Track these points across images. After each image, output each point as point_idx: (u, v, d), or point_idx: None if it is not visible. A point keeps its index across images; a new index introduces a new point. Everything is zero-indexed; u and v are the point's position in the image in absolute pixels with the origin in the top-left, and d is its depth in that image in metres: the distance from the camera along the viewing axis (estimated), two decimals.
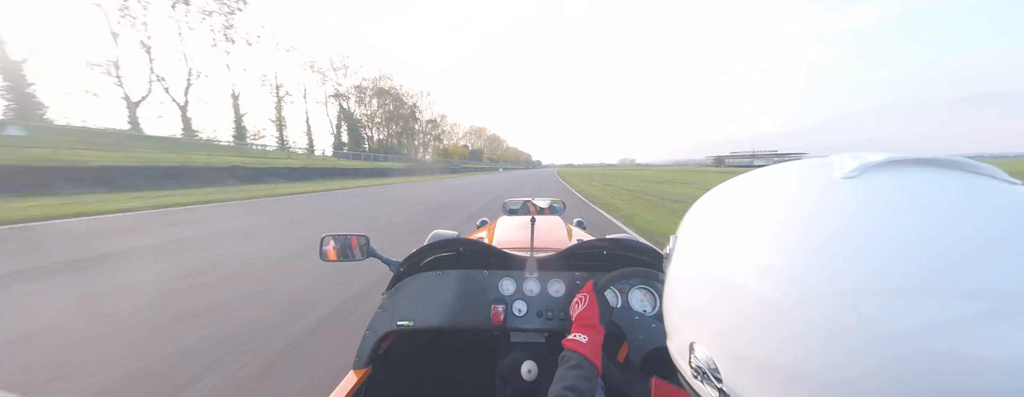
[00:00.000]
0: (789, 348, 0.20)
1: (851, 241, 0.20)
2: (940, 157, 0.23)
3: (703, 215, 0.33)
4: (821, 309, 0.19)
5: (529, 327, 0.81)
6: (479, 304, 0.82)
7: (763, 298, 0.22)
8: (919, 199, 0.20)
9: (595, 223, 5.50)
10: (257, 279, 2.74)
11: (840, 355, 0.19)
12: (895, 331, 0.18)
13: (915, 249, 0.19)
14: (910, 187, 0.21)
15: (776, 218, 0.24)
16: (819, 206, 0.22)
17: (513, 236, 1.33)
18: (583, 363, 0.51)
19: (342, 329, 1.92)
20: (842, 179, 0.23)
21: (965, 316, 0.17)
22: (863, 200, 0.21)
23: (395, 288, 0.86)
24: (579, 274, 0.84)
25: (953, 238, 0.19)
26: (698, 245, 0.31)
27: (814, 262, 0.20)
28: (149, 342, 1.77)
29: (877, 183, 0.22)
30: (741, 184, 0.32)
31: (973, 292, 0.17)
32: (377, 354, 0.83)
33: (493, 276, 0.85)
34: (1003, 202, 0.20)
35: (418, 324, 0.82)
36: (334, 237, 0.92)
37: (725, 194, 0.33)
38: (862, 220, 0.20)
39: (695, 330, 0.29)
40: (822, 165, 0.26)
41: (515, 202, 1.84)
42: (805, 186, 0.24)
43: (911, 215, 0.20)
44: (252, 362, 1.59)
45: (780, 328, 0.21)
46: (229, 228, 4.75)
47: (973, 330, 0.17)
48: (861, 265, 0.19)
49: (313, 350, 1.71)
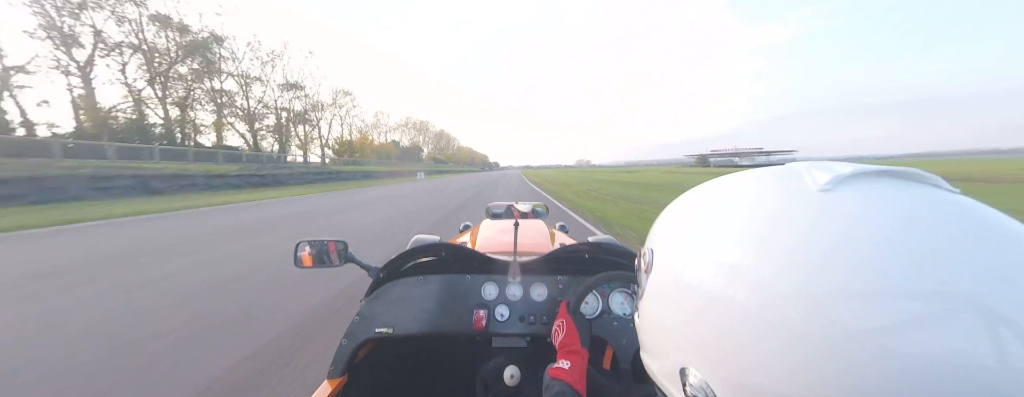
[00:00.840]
0: (795, 369, 0.21)
1: (826, 249, 0.22)
2: (898, 168, 0.27)
3: (681, 226, 0.33)
4: (803, 315, 0.21)
5: (511, 332, 0.83)
6: (461, 309, 0.83)
7: (755, 313, 0.23)
8: (885, 210, 0.23)
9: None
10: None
11: (830, 360, 0.20)
12: (862, 330, 0.20)
13: (884, 255, 0.21)
14: (877, 199, 0.24)
15: (762, 230, 0.26)
16: (805, 218, 0.25)
17: (496, 240, 1.35)
18: (566, 390, 0.53)
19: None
20: (819, 192, 0.26)
21: (921, 317, 0.19)
22: (840, 211, 0.24)
23: (374, 294, 0.85)
24: (562, 278, 0.87)
25: (912, 246, 0.21)
26: (683, 260, 0.30)
27: (795, 271, 0.22)
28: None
29: (850, 195, 0.25)
30: (716, 193, 0.33)
31: (929, 294, 0.19)
32: (353, 363, 0.81)
33: (475, 281, 0.86)
34: (950, 213, 0.23)
35: (397, 331, 0.81)
36: (310, 243, 0.88)
37: (702, 204, 0.33)
38: (843, 229, 0.23)
39: (685, 353, 0.29)
40: (793, 175, 0.29)
41: (498, 206, 1.87)
42: (787, 198, 0.27)
43: (876, 225, 0.22)
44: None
45: (786, 348, 0.22)
46: None
47: (927, 330, 0.19)
48: (835, 270, 0.21)
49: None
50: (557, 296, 0.85)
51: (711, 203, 0.32)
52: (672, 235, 0.34)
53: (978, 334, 0.18)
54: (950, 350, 0.18)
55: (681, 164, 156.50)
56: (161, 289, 2.85)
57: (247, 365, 1.74)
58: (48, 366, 1.75)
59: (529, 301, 0.85)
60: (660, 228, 0.37)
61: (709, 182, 0.36)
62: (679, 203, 0.37)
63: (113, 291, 2.83)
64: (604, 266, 0.87)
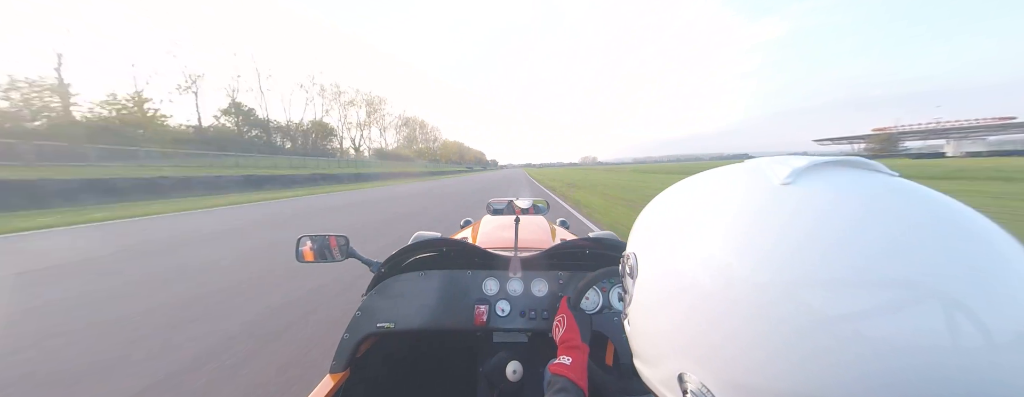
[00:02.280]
0: (782, 361, 0.23)
1: (793, 240, 0.25)
2: (849, 158, 0.30)
3: (659, 228, 0.35)
4: (776, 305, 0.23)
5: (512, 327, 0.87)
6: (462, 305, 0.87)
7: (738, 307, 0.25)
8: (844, 200, 0.26)
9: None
10: None
11: (805, 347, 0.22)
12: (831, 317, 0.22)
13: (849, 244, 0.23)
14: (835, 188, 0.27)
15: (729, 226, 0.28)
16: (767, 212, 0.27)
17: (497, 236, 1.42)
18: (568, 386, 0.56)
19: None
20: (780, 185, 0.28)
21: (886, 303, 0.21)
22: (803, 202, 0.27)
23: (376, 289, 0.89)
24: (562, 274, 0.91)
25: (875, 234, 0.24)
26: (665, 262, 0.32)
27: (768, 263, 0.25)
28: None
29: (809, 186, 0.28)
30: (689, 193, 0.35)
31: (892, 282, 0.22)
32: (355, 357, 0.86)
33: (476, 276, 0.91)
34: (905, 200, 0.26)
35: (399, 326, 0.85)
36: (311, 237, 0.94)
37: (676, 205, 0.35)
38: (808, 220, 0.25)
39: (680, 358, 0.30)
40: (756, 171, 0.32)
41: (499, 202, 1.98)
42: (752, 193, 0.29)
43: (835, 216, 0.25)
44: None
45: (769, 341, 0.24)
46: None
47: (891, 316, 0.21)
48: (803, 260, 0.24)
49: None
50: (558, 291, 0.89)
51: (685, 203, 0.34)
52: (651, 238, 0.35)
53: (936, 319, 0.20)
54: (912, 334, 0.20)
55: (694, 159, 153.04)
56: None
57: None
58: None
59: (530, 296, 0.89)
60: (639, 232, 0.38)
61: (681, 182, 0.38)
62: (655, 205, 0.38)
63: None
64: (604, 261, 0.90)
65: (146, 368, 1.96)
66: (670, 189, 0.38)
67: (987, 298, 0.21)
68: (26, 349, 2.18)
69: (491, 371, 0.89)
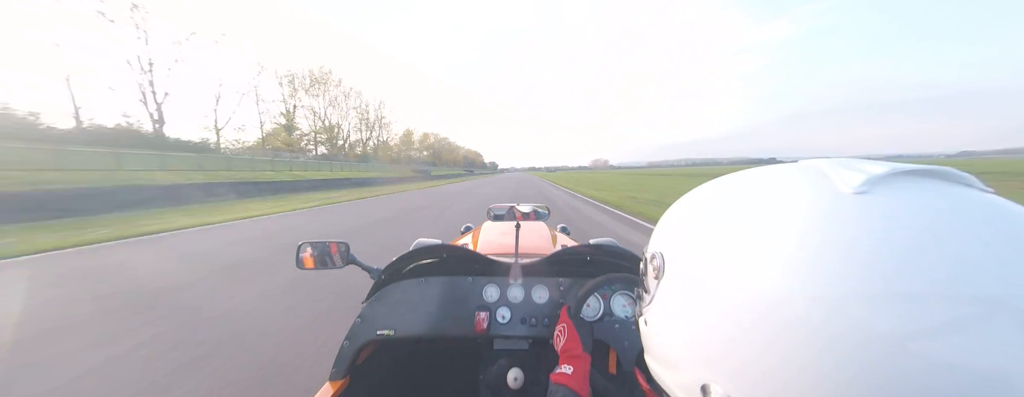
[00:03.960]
0: (830, 380, 0.23)
1: (866, 254, 0.24)
2: (933, 167, 0.28)
3: (696, 229, 0.34)
4: (839, 323, 0.23)
5: (513, 334, 0.91)
6: (463, 311, 0.91)
7: (791, 323, 0.25)
8: (923, 213, 0.25)
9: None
10: None
11: (865, 367, 0.22)
12: (900, 334, 0.21)
13: (920, 258, 0.23)
14: (914, 201, 0.26)
15: (793, 237, 0.27)
16: (838, 223, 0.26)
17: (498, 242, 1.48)
18: (569, 395, 0.59)
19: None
20: (853, 194, 0.27)
21: (955, 321, 0.21)
22: (877, 214, 0.26)
23: (376, 296, 0.94)
24: (563, 280, 0.95)
25: (948, 249, 0.23)
26: (702, 266, 0.31)
27: (838, 278, 0.24)
28: None
29: (886, 197, 0.26)
30: (733, 193, 0.34)
31: (962, 298, 0.21)
32: (355, 365, 0.91)
33: (477, 283, 0.95)
34: (986, 214, 0.25)
35: (399, 333, 0.90)
36: (312, 244, 0.99)
37: (717, 205, 0.34)
38: (882, 233, 0.25)
39: (707, 369, 0.30)
40: (820, 175, 0.30)
41: (500, 207, 2.04)
42: (818, 200, 0.28)
43: (914, 229, 0.24)
44: None
45: (820, 358, 0.23)
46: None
47: (960, 335, 0.21)
48: (874, 275, 0.23)
49: None
50: (558, 298, 0.93)
51: (729, 204, 0.33)
52: (686, 238, 0.35)
53: (1011, 338, 0.20)
54: (983, 355, 0.20)
55: (713, 163, 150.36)
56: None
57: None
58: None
59: (530, 303, 0.93)
60: (670, 230, 0.38)
61: (717, 180, 0.38)
62: (688, 203, 0.38)
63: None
64: (606, 268, 0.94)
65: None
66: (704, 188, 0.38)
67: None
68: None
69: (492, 378, 0.94)
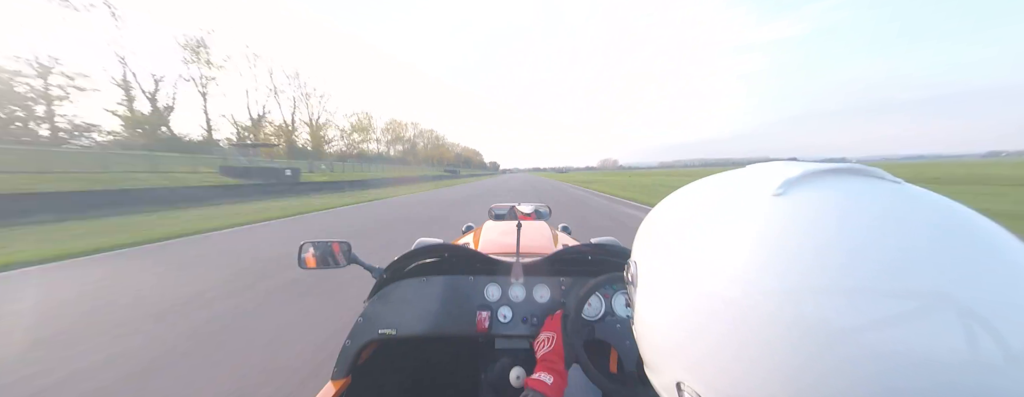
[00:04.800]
0: (773, 374, 0.25)
1: (790, 252, 0.26)
2: (848, 165, 0.31)
3: (659, 236, 0.38)
4: (781, 314, 0.25)
5: (514, 333, 0.93)
6: (464, 311, 0.94)
7: (734, 320, 0.27)
8: (839, 211, 0.27)
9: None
10: None
11: (806, 359, 0.24)
12: (840, 328, 0.23)
13: (851, 255, 0.25)
14: (830, 198, 0.28)
15: (726, 238, 0.30)
16: (759, 223, 0.29)
17: (499, 241, 1.52)
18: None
19: None
20: (772, 196, 0.30)
21: (896, 314, 0.22)
22: (792, 215, 0.28)
23: (377, 296, 0.97)
24: (564, 279, 0.97)
25: (880, 244, 0.25)
26: (663, 270, 0.35)
27: (764, 274, 0.26)
28: None
29: (800, 197, 0.29)
30: (685, 201, 0.38)
31: (902, 292, 0.23)
32: (357, 364, 0.94)
33: (478, 282, 0.98)
34: (911, 207, 0.27)
35: (401, 332, 0.92)
36: (313, 244, 1.03)
37: (672, 213, 0.38)
38: (796, 233, 0.27)
39: (678, 367, 0.33)
40: (751, 179, 0.34)
41: (502, 207, 2.09)
42: (744, 203, 0.31)
43: (835, 226, 0.26)
44: None
45: (757, 349, 0.26)
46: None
47: (902, 327, 0.22)
48: (801, 271, 0.25)
49: None
50: (560, 297, 0.95)
51: (681, 212, 0.37)
52: (651, 247, 0.38)
53: (951, 330, 0.21)
54: (927, 346, 0.21)
55: (730, 163, 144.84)
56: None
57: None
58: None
59: (532, 302, 0.95)
60: (640, 240, 0.41)
61: (681, 189, 0.41)
62: (655, 212, 0.41)
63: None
64: (607, 267, 0.96)
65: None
66: (670, 197, 0.41)
67: (1004, 307, 0.22)
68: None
69: (494, 378, 0.96)
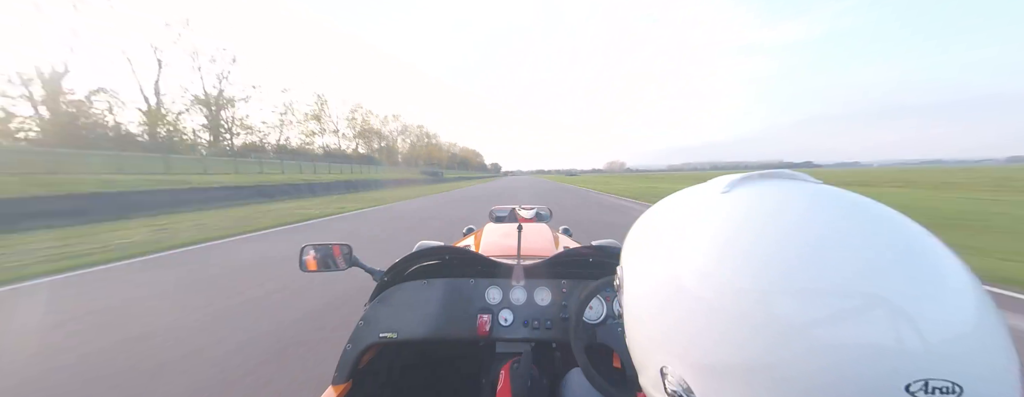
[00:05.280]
0: (733, 346, 0.29)
1: (734, 245, 0.31)
2: (778, 170, 0.38)
3: (636, 243, 0.43)
4: (740, 307, 0.29)
5: (515, 337, 0.94)
6: (465, 314, 0.96)
7: (701, 302, 0.31)
8: (767, 206, 0.33)
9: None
10: None
11: (762, 349, 0.27)
12: (800, 323, 0.26)
13: (776, 251, 0.29)
14: (766, 195, 0.34)
15: (686, 234, 0.35)
16: (709, 216, 0.35)
17: (500, 244, 1.55)
18: None
19: None
20: (720, 194, 0.36)
21: (842, 311, 0.25)
22: (732, 207, 0.34)
23: (379, 298, 0.99)
24: (565, 282, 0.98)
25: (803, 240, 0.29)
26: (638, 271, 0.40)
27: (728, 265, 0.30)
28: None
29: (739, 194, 0.35)
30: (661, 207, 0.43)
31: (844, 292, 0.26)
32: (357, 368, 0.95)
33: (479, 285, 0.99)
34: (832, 205, 0.32)
35: (402, 336, 0.94)
36: (314, 247, 1.05)
37: (650, 219, 0.43)
38: (732, 226, 0.33)
39: (661, 353, 0.36)
40: (710, 184, 0.40)
41: (502, 209, 2.12)
42: (700, 204, 0.38)
43: (764, 222, 0.31)
44: None
45: (720, 327, 0.30)
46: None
47: (842, 323, 0.25)
48: (758, 267, 0.29)
49: None
50: (561, 300, 0.97)
51: (654, 218, 0.42)
52: (632, 252, 0.43)
53: (884, 325, 0.25)
54: (863, 339, 0.25)
55: (744, 166, 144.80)
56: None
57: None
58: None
59: (533, 305, 0.97)
60: (626, 248, 0.46)
61: (667, 198, 0.45)
62: (640, 222, 0.46)
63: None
64: (608, 270, 0.93)
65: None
66: (653, 206, 0.46)
67: (926, 308, 0.25)
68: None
69: (495, 377, 0.96)
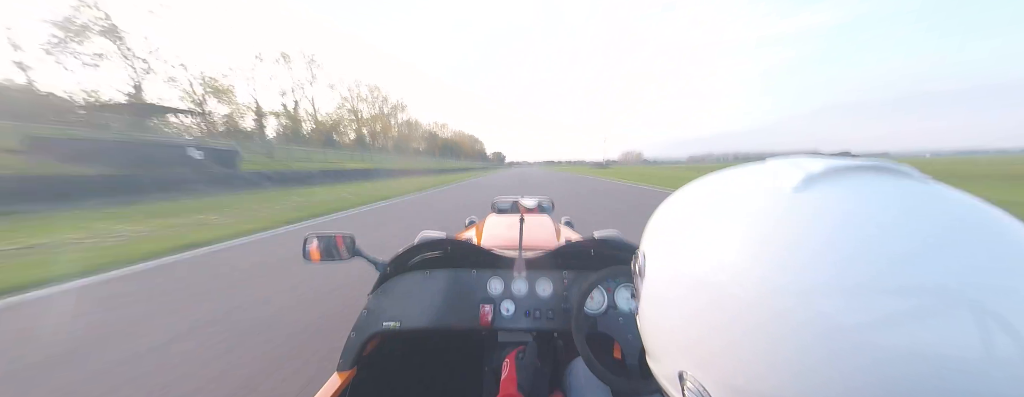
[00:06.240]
0: (765, 363, 0.27)
1: (808, 248, 0.28)
2: (868, 162, 0.32)
3: (669, 228, 0.39)
4: (796, 311, 0.26)
5: (517, 327, 0.98)
6: (467, 304, 1.00)
7: (744, 312, 0.29)
8: (860, 207, 0.29)
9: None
10: None
11: (799, 362, 0.26)
12: (849, 325, 0.24)
13: (862, 252, 0.26)
14: (851, 195, 0.30)
15: (741, 232, 0.32)
16: (777, 218, 0.31)
17: (502, 235, 1.59)
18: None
19: None
20: (792, 192, 0.31)
21: (906, 311, 0.23)
22: (814, 210, 0.30)
23: (381, 289, 1.03)
24: (567, 273, 1.02)
25: (894, 240, 0.26)
26: (671, 263, 0.36)
27: (781, 270, 0.28)
28: None
29: (822, 193, 0.30)
30: (699, 194, 0.40)
31: (913, 289, 0.24)
32: (362, 356, 1.00)
33: (481, 276, 1.03)
34: (929, 204, 0.28)
35: (404, 325, 0.99)
36: (318, 237, 1.09)
37: (686, 205, 0.40)
38: (814, 230, 0.28)
39: (682, 357, 0.35)
40: (770, 174, 0.35)
41: (504, 201, 2.19)
42: (763, 198, 0.33)
43: (854, 223, 0.28)
44: None
45: (753, 338, 0.28)
46: None
47: (913, 325, 0.23)
48: (818, 268, 0.27)
49: None
50: (562, 291, 1.00)
51: (694, 204, 0.39)
52: (660, 238, 0.40)
53: (965, 328, 0.22)
54: (938, 343, 0.22)
55: (767, 156, 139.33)
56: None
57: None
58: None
59: (534, 296, 1.01)
60: (650, 231, 0.43)
61: (696, 181, 0.42)
62: (667, 204, 0.43)
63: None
64: (609, 261, 1.00)
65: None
66: (684, 188, 0.43)
67: (1021, 304, 0.23)
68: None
69: (498, 366, 1.01)
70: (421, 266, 1.09)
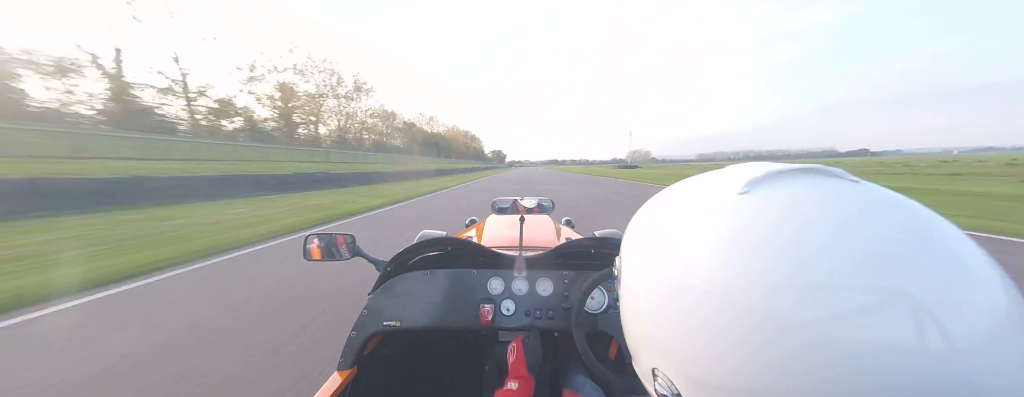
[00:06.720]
0: (728, 359, 0.30)
1: (748, 245, 0.31)
2: (810, 165, 0.36)
3: (638, 235, 0.43)
4: (744, 307, 0.29)
5: (517, 326, 1.00)
6: (467, 304, 1.01)
7: (701, 309, 0.32)
8: (798, 207, 0.32)
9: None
10: None
11: (758, 356, 0.28)
12: (801, 321, 0.27)
13: (816, 251, 0.29)
14: (791, 196, 0.33)
15: (695, 233, 0.35)
16: (723, 219, 0.34)
17: (502, 235, 1.62)
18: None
19: None
20: (738, 195, 0.35)
21: (855, 308, 0.26)
22: (755, 212, 0.33)
23: (382, 288, 1.05)
24: (567, 273, 1.03)
25: (840, 240, 0.29)
26: (639, 265, 0.40)
27: (723, 267, 0.31)
28: None
29: (763, 196, 0.34)
30: (666, 200, 0.43)
31: (861, 287, 0.26)
32: (362, 355, 1.02)
33: (482, 275, 1.05)
34: (869, 205, 0.32)
35: (405, 324, 1.00)
36: (318, 236, 1.12)
37: (653, 212, 0.43)
38: (755, 228, 0.32)
39: (653, 354, 0.37)
40: (722, 179, 0.39)
41: (504, 201, 2.22)
42: (714, 202, 0.36)
43: (795, 222, 0.31)
44: None
45: (715, 334, 0.30)
46: None
47: (860, 320, 0.26)
48: (771, 267, 0.29)
49: None
50: (563, 291, 1.01)
51: (658, 210, 0.42)
52: (632, 242, 0.43)
53: (904, 323, 0.25)
54: (881, 338, 0.25)
55: (779, 155, 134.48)
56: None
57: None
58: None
59: (535, 296, 1.02)
60: (626, 237, 0.47)
61: (663, 190, 0.46)
62: (640, 210, 0.46)
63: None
64: (610, 261, 1.01)
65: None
66: (656, 195, 0.46)
67: (952, 304, 0.26)
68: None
69: (500, 360, 1.04)
70: (421, 265, 1.11)
